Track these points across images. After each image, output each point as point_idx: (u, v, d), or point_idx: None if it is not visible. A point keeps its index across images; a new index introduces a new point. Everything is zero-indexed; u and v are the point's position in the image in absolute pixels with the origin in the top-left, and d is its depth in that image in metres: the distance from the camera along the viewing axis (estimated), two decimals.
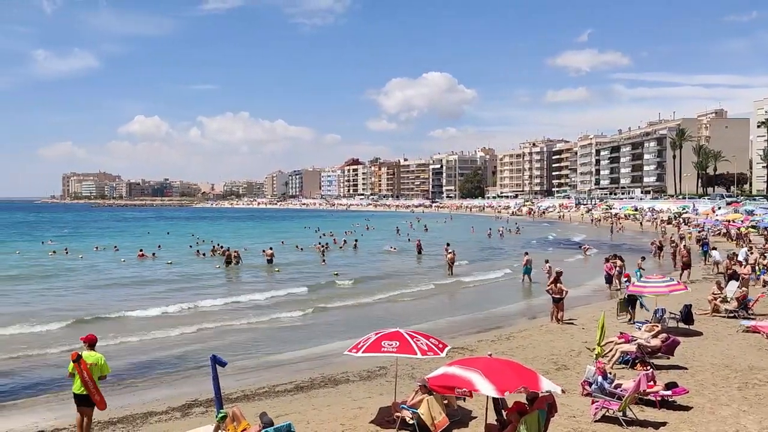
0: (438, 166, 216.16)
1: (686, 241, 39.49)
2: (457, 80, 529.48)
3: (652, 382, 10.67)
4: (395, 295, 26.54)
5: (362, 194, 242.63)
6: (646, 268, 25.64)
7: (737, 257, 27.16)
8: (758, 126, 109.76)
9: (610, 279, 26.25)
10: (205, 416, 10.92)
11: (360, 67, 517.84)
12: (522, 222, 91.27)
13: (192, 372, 14.91)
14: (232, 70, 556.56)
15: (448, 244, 41.25)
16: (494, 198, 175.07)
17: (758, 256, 28.15)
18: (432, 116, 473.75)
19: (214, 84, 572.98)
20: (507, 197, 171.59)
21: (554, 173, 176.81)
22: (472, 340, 17.25)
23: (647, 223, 78.88)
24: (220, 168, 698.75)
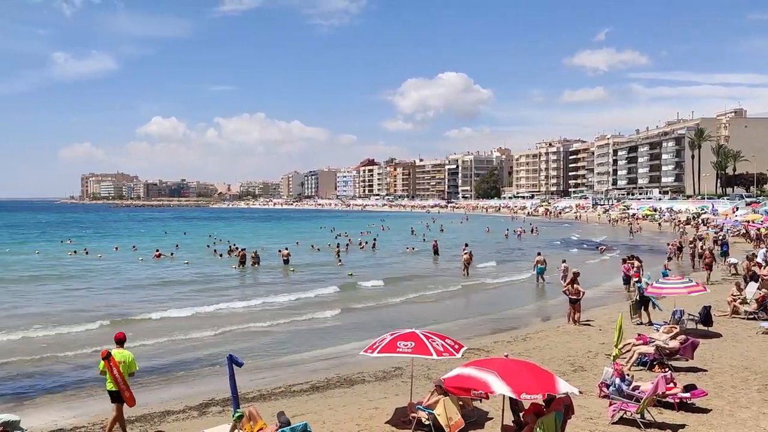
0: (454, 166, 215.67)
1: (706, 242, 39.09)
2: (473, 80, 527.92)
3: (671, 384, 10.55)
4: (413, 297, 26.37)
5: (378, 195, 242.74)
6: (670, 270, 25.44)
7: (756, 258, 26.80)
8: None
9: (627, 280, 26.00)
10: (222, 415, 10.99)
11: (376, 68, 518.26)
12: (539, 222, 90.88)
13: (209, 372, 15.01)
14: (248, 71, 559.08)
15: (466, 244, 41.14)
16: (510, 198, 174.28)
17: None
18: (448, 116, 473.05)
19: (230, 85, 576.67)
20: (523, 197, 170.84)
21: (571, 173, 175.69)
22: (487, 341, 17.19)
23: (666, 223, 78.20)
24: (237, 169, 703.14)
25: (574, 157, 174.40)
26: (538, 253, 31.95)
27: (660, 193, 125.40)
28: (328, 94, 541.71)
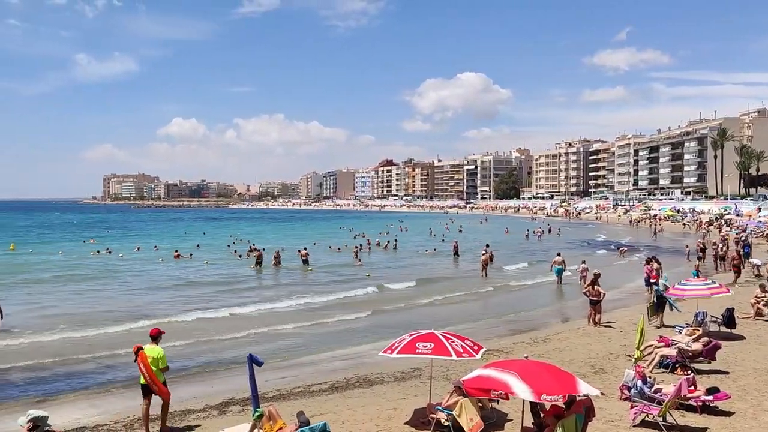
0: (472, 166, 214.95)
1: (729, 243, 38.58)
2: (492, 80, 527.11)
3: (693, 387, 10.44)
4: (434, 300, 26.16)
5: (396, 195, 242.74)
6: (689, 271, 25.10)
7: None
8: None
9: (649, 281, 25.71)
10: (242, 414, 11.05)
11: (394, 68, 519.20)
12: (559, 223, 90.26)
13: (229, 371, 15.11)
14: (267, 72, 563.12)
15: (487, 245, 40.98)
16: (529, 199, 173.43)
17: None
18: (466, 117, 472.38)
19: (250, 86, 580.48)
20: (542, 198, 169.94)
21: (591, 174, 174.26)
22: (507, 343, 17.11)
23: (683, 225, 77.42)
24: (256, 169, 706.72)
25: (594, 157, 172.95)
26: (558, 254, 31.73)
27: (682, 193, 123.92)
28: (346, 95, 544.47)
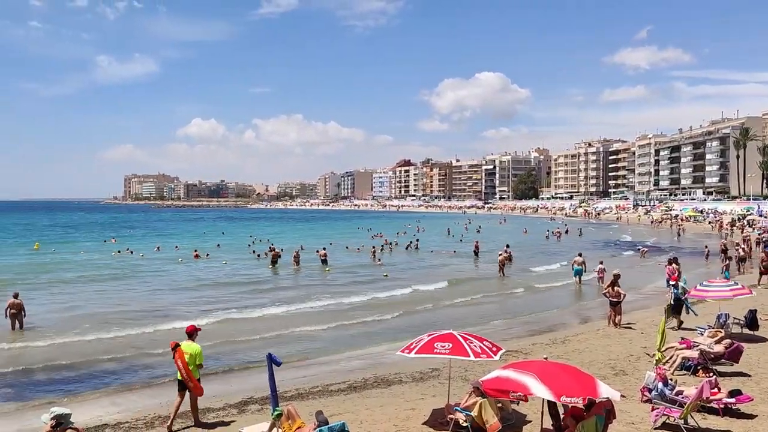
0: (491, 166, 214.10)
1: (751, 245, 38.06)
2: (511, 80, 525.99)
3: (715, 389, 10.31)
4: (454, 301, 25.97)
5: (414, 195, 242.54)
6: (708, 272, 24.79)
7: None
8: None
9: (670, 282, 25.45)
10: (261, 413, 11.11)
11: (412, 68, 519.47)
12: (579, 224, 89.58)
13: (248, 370, 15.21)
14: (285, 72, 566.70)
15: (507, 245, 40.83)
16: (548, 199, 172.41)
17: None
18: (485, 116, 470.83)
19: (268, 87, 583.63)
20: (561, 198, 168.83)
21: (611, 174, 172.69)
22: (526, 343, 17.02)
23: (709, 225, 76.47)
24: (274, 169, 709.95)
25: (614, 157, 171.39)
26: (579, 254, 31.53)
27: (704, 193, 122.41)
28: (364, 95, 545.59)
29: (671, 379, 10.97)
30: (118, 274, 35.39)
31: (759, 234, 47.83)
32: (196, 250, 46.58)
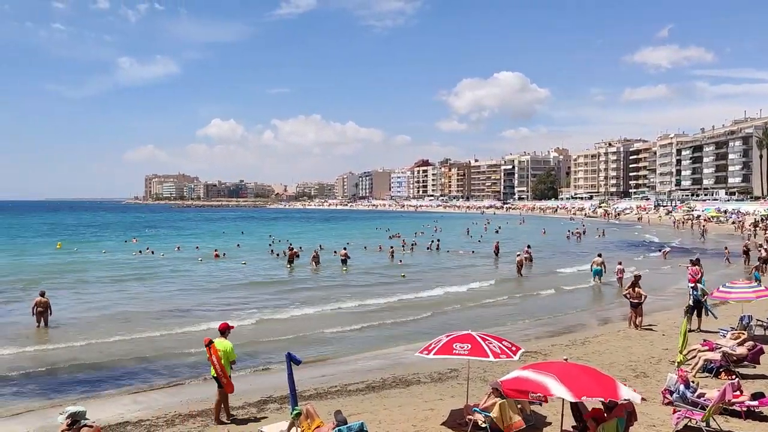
0: (510, 166, 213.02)
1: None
2: (530, 79, 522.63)
3: (738, 392, 10.19)
4: (475, 302, 25.66)
5: (432, 195, 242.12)
6: (729, 274, 24.44)
7: None
8: None
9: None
10: (280, 412, 11.15)
11: (430, 68, 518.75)
12: (602, 224, 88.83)
13: (267, 369, 15.28)
14: (304, 73, 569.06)
15: (528, 246, 40.63)
16: (568, 199, 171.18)
17: None
18: (503, 116, 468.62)
19: (287, 87, 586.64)
20: (581, 198, 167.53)
21: (632, 174, 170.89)
22: (545, 344, 16.92)
23: (731, 225, 75.46)
24: (293, 169, 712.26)
25: (635, 157, 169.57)
26: (598, 255, 31.30)
27: (726, 194, 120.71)
28: (382, 96, 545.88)
29: (693, 382, 10.84)
30: (140, 274, 35.65)
31: None
32: (216, 250, 47.05)
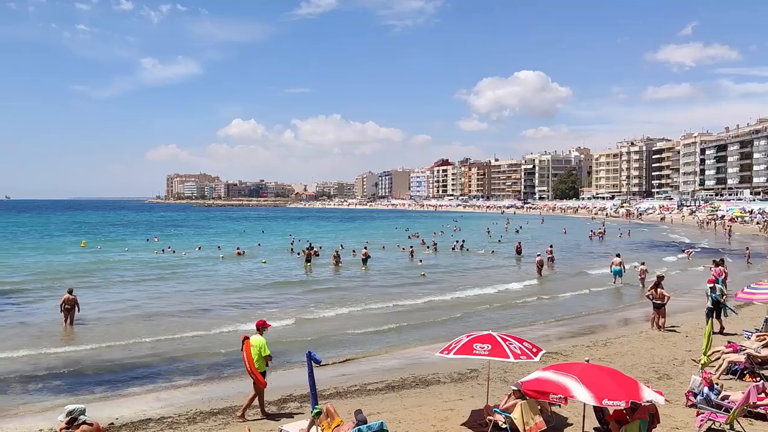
0: (530, 166, 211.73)
1: None
2: (551, 78, 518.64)
3: (763, 394, 10.06)
4: (497, 304, 25.36)
5: (451, 195, 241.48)
6: (752, 275, 24.05)
7: None
8: None
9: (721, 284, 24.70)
10: (300, 411, 11.22)
11: (450, 68, 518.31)
12: (622, 224, 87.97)
13: (287, 368, 15.35)
14: (324, 73, 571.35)
15: (551, 246, 40.36)
16: (589, 199, 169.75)
17: None
18: (524, 115, 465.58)
19: (307, 87, 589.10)
20: (603, 198, 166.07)
21: (654, 173, 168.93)
22: (566, 345, 16.81)
23: (756, 226, 74.31)
24: (313, 169, 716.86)
25: (658, 156, 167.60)
26: (617, 255, 31.04)
27: (751, 194, 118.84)
28: (402, 95, 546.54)
29: (717, 384, 10.72)
30: (162, 273, 35.91)
31: None
32: (238, 248, 47.64)
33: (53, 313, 21.10)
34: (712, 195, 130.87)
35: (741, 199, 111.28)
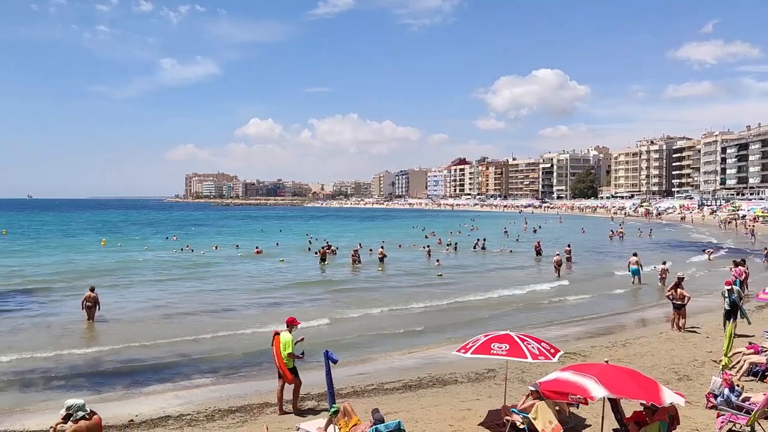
0: (548, 165, 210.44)
1: None
2: (569, 77, 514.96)
3: None
4: (514, 304, 25.26)
5: (469, 194, 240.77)
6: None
7: None
8: None
9: (740, 285, 24.41)
10: (317, 410, 11.26)
11: (468, 66, 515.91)
12: (641, 224, 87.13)
13: (305, 367, 15.38)
14: (341, 72, 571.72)
15: (569, 245, 40.12)
16: (608, 198, 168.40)
17: None
18: (542, 114, 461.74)
19: (324, 87, 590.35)
20: (622, 197, 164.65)
21: (674, 173, 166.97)
22: (584, 346, 16.70)
23: None
24: (330, 168, 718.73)
25: (678, 155, 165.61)
26: (634, 254, 30.77)
27: None
28: (419, 94, 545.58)
29: (738, 385, 10.60)
30: (182, 271, 36.18)
31: None
32: (257, 247, 48.09)
33: (76, 312, 21.36)
34: (733, 194, 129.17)
35: (762, 199, 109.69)
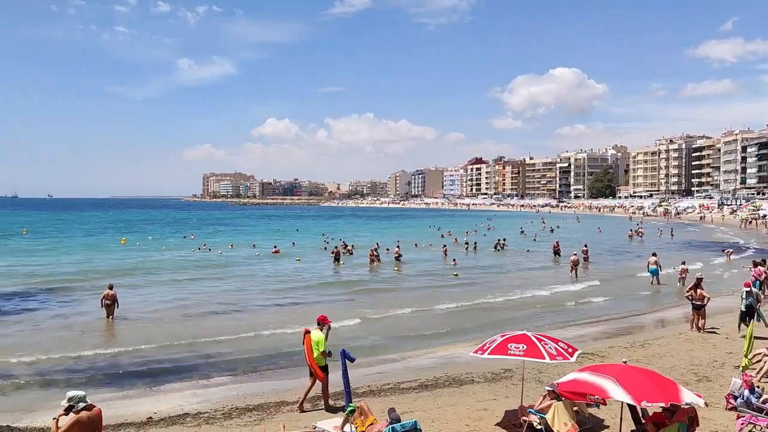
0: (566, 164, 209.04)
1: None
2: (587, 75, 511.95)
3: None
4: (532, 303, 25.16)
5: (485, 194, 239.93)
6: None
7: None
8: None
9: (759, 286, 24.10)
10: (334, 408, 11.28)
11: (485, 65, 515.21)
12: (659, 224, 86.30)
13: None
14: (357, 71, 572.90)
15: (586, 245, 39.87)
16: (626, 198, 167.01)
17: None
18: (559, 113, 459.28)
19: (340, 86, 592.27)
20: (640, 197, 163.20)
21: (694, 172, 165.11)
22: (602, 346, 16.59)
23: None
24: (346, 168, 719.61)
25: (698, 154, 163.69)
26: (653, 254, 30.49)
27: None
28: (436, 93, 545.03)
29: (758, 387, 10.48)
30: (200, 271, 36.34)
31: None
32: (275, 246, 48.43)
33: (96, 310, 21.60)
34: (753, 194, 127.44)
35: None
